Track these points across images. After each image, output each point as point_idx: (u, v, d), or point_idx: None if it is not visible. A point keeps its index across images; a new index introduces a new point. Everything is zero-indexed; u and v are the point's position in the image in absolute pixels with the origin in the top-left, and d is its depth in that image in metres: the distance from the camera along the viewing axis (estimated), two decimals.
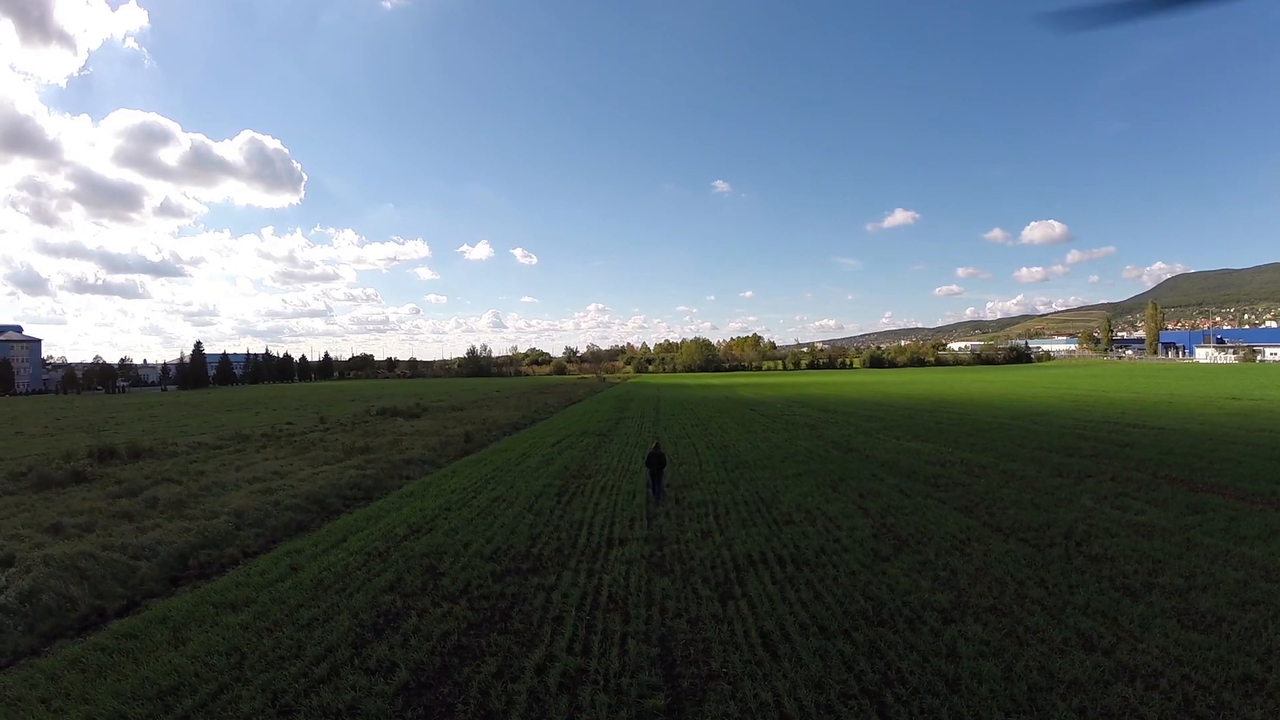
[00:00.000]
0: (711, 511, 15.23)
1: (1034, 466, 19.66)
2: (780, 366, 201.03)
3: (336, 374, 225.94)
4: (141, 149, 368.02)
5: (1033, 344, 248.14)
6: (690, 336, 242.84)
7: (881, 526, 13.41)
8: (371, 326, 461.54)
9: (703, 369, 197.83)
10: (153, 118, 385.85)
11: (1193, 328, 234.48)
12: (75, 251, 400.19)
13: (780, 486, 17.72)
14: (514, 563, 11.78)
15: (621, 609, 9.50)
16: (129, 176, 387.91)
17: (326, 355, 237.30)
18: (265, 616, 9.58)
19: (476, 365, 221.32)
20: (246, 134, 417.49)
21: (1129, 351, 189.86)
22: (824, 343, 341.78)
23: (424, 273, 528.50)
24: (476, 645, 8.50)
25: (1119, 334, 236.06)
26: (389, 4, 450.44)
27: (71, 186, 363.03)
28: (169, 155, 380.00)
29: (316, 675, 7.82)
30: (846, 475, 19.08)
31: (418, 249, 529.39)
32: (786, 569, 10.95)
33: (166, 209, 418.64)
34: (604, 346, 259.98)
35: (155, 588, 11.56)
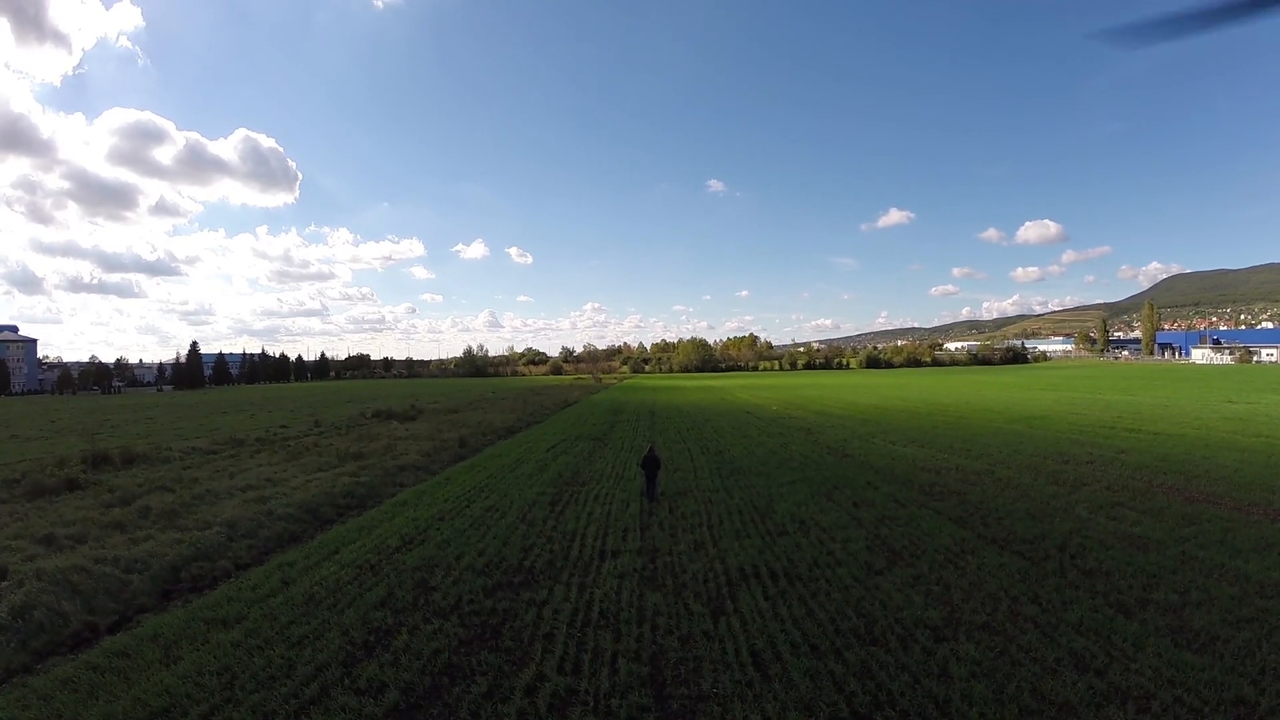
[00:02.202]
0: (705, 521, 15.19)
1: (1029, 474, 19.66)
2: (777, 367, 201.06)
3: (333, 374, 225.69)
4: (136, 147, 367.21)
5: (1029, 344, 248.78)
6: (687, 336, 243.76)
7: (875, 538, 13.39)
8: (368, 326, 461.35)
9: (699, 369, 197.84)
10: (147, 116, 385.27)
11: (1189, 328, 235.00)
12: (70, 250, 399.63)
13: (775, 495, 17.70)
14: (506, 576, 11.73)
15: (613, 626, 9.47)
16: (123, 175, 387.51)
17: (323, 355, 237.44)
18: (256, 634, 9.54)
19: (473, 365, 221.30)
20: (241, 132, 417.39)
21: (1125, 352, 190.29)
22: (820, 342, 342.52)
23: (419, 272, 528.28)
24: (467, 664, 8.47)
25: (1115, 334, 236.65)
26: (380, 3, 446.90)
27: (66, 185, 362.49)
28: (163, 154, 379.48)
29: (307, 696, 7.78)
30: (841, 482, 19.06)
31: (413, 248, 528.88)
32: (779, 583, 10.92)
33: (161, 208, 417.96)
34: (601, 346, 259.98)
35: (147, 602, 11.49)
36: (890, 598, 10.09)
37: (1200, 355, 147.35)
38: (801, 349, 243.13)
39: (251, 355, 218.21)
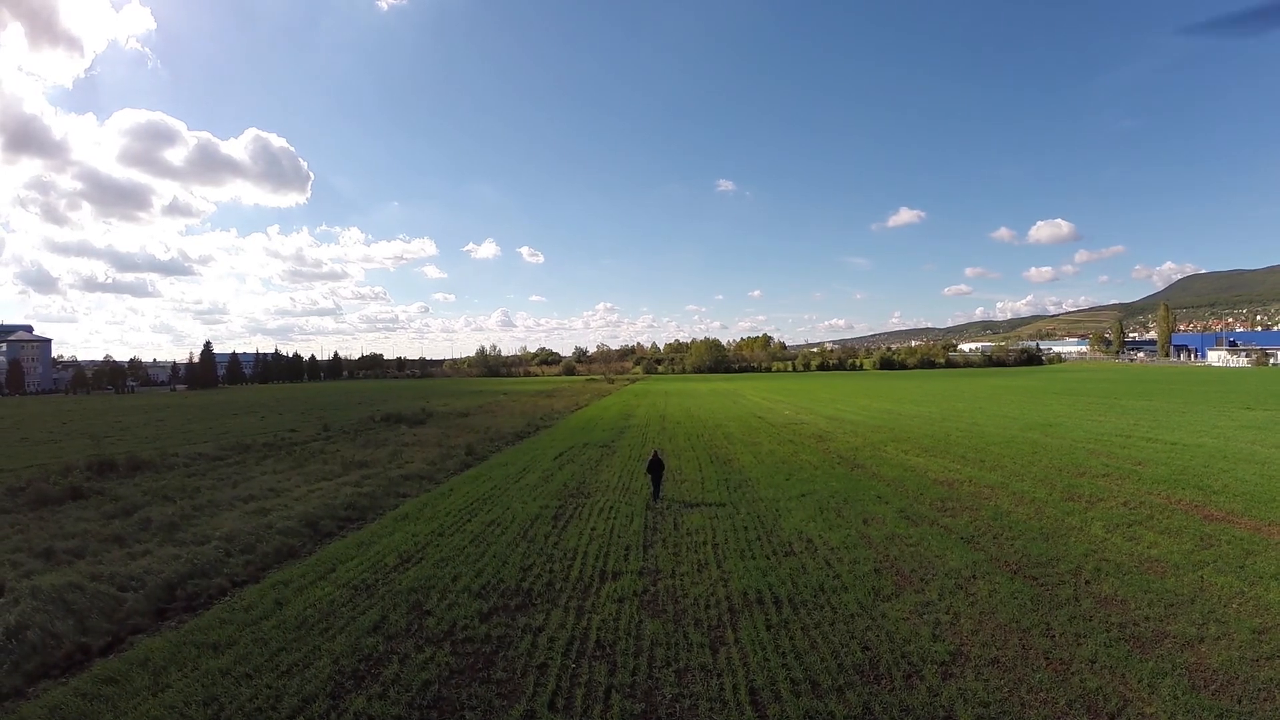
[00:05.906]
0: (710, 539, 14.90)
1: (1044, 488, 19.21)
2: (790, 368, 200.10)
3: (346, 374, 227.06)
4: (147, 148, 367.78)
5: (1044, 345, 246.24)
6: (700, 336, 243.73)
7: (884, 559, 13.05)
8: (381, 325, 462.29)
9: (712, 370, 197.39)
10: (158, 117, 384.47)
11: (1204, 329, 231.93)
12: (85, 250, 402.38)
13: (782, 510, 17.37)
14: (502, 599, 11.49)
15: (609, 657, 9.20)
16: (136, 176, 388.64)
17: (336, 355, 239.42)
18: (246, 660, 9.36)
19: (486, 365, 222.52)
20: (252, 132, 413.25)
21: (1140, 354, 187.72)
22: (834, 343, 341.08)
23: (431, 271, 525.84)
24: (456, 697, 8.23)
25: (1130, 335, 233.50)
26: (385, 4, 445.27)
27: (79, 186, 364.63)
28: (175, 154, 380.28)
29: None
30: (851, 496, 18.70)
31: (424, 247, 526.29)
32: (783, 610, 10.61)
33: (174, 208, 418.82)
34: (614, 346, 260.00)
35: (141, 622, 11.36)
36: (897, 628, 9.76)
37: (1216, 357, 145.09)
38: (815, 350, 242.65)
39: (265, 355, 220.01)
